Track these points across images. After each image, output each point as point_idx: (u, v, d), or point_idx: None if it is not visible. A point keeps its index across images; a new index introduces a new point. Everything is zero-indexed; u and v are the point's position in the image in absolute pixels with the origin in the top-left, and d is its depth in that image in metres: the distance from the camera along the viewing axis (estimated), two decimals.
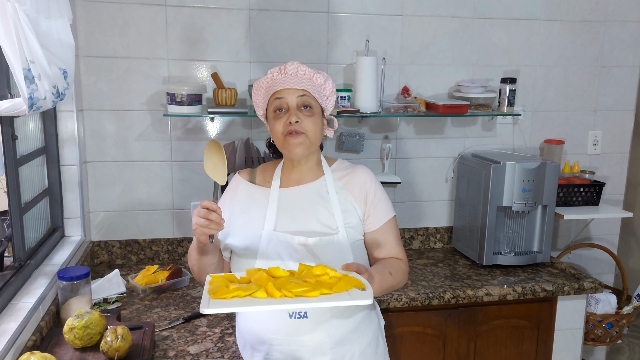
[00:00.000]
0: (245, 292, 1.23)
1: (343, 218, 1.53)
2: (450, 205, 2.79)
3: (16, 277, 1.72)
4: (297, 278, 1.31)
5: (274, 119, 1.52)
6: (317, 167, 1.61)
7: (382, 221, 1.57)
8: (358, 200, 1.57)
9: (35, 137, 2.10)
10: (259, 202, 1.57)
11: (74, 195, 2.27)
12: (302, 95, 1.51)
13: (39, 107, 1.62)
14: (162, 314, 1.96)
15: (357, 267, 1.35)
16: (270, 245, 1.50)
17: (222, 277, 1.33)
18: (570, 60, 2.77)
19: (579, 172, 2.82)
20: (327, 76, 1.59)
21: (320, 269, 1.34)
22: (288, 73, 1.54)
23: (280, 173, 1.61)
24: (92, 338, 1.54)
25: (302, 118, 1.49)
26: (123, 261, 2.49)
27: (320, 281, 1.29)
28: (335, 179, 1.59)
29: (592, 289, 2.32)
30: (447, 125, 2.70)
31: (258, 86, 1.59)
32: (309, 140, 1.50)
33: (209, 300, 1.21)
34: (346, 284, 1.27)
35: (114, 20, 2.30)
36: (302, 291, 1.23)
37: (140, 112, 2.40)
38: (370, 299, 1.21)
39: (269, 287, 1.24)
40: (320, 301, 1.21)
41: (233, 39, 2.41)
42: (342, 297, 1.23)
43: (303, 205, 1.55)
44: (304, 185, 1.58)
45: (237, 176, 1.66)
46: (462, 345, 2.29)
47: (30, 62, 1.53)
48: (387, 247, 1.58)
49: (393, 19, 2.54)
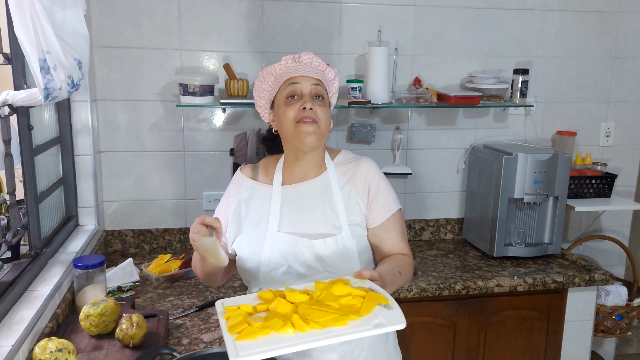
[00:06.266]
0: (270, 329, 1.13)
1: (347, 215, 1.49)
2: (461, 196, 2.78)
3: (32, 266, 1.74)
4: (318, 302, 1.23)
5: (286, 105, 1.47)
6: (321, 161, 1.55)
7: (385, 216, 1.52)
8: (362, 195, 1.52)
9: (50, 127, 2.12)
10: (262, 201, 1.53)
11: (87, 184, 2.30)
12: (317, 84, 1.48)
13: (55, 97, 1.64)
14: (175, 303, 1.99)
15: (370, 274, 1.29)
16: (275, 247, 1.47)
17: (238, 309, 1.23)
18: (583, 51, 2.75)
19: (591, 163, 2.80)
20: (337, 73, 1.57)
21: (339, 288, 1.26)
22: (303, 62, 1.51)
23: (282, 168, 1.56)
24: (108, 325, 1.57)
25: (315, 106, 1.45)
26: (136, 250, 2.51)
27: (344, 305, 1.21)
28: (339, 173, 1.54)
29: (603, 280, 2.32)
30: (459, 117, 2.69)
31: (267, 73, 1.52)
32: (320, 130, 1.46)
33: (235, 344, 1.10)
34: (371, 304, 1.20)
35: (127, 11, 2.31)
36: (330, 320, 1.15)
37: (153, 102, 2.41)
38: (404, 322, 1.14)
39: (294, 320, 1.15)
40: (352, 332, 1.12)
41: (245, 29, 2.41)
42: (372, 322, 1.15)
43: (307, 203, 1.51)
44: (307, 182, 1.53)
45: (240, 173, 1.61)
46: (472, 336, 2.30)
47: (46, 53, 1.54)
48: (390, 243, 1.53)
49: (405, 10, 2.53)
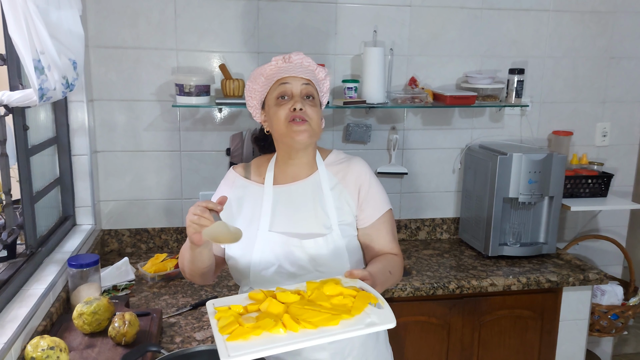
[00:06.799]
0: (262, 329, 1.14)
1: (337, 216, 1.50)
2: (457, 196, 2.79)
3: (27, 264, 1.75)
4: (309, 302, 1.24)
5: (277, 106, 1.48)
6: (312, 161, 1.56)
7: (375, 217, 1.53)
8: (352, 195, 1.53)
9: (47, 127, 2.14)
10: (254, 200, 1.54)
11: (84, 184, 2.31)
12: (307, 84, 1.49)
13: (49, 98, 1.65)
14: (170, 301, 2.00)
15: (361, 273, 1.31)
16: (266, 246, 1.48)
17: (229, 310, 1.24)
18: (579, 51, 2.75)
19: (588, 163, 2.81)
20: (327, 72, 1.58)
21: (330, 287, 1.28)
22: (293, 62, 1.52)
23: (274, 168, 1.57)
24: (101, 324, 1.58)
25: (306, 106, 1.46)
26: (133, 249, 2.53)
27: (336, 305, 1.22)
28: (330, 174, 1.55)
29: (597, 280, 2.32)
30: (455, 117, 2.70)
31: (258, 74, 1.53)
32: (312, 128, 1.47)
33: (226, 344, 1.10)
34: (362, 303, 1.21)
35: (124, 11, 2.32)
36: (322, 320, 1.16)
37: (149, 102, 2.43)
38: (394, 321, 1.15)
39: (286, 320, 1.16)
40: (344, 332, 1.14)
41: (241, 29, 2.42)
42: (364, 321, 1.17)
43: (297, 203, 1.52)
44: (299, 182, 1.54)
45: (233, 172, 1.62)
46: (466, 335, 2.31)
47: (40, 53, 1.55)
48: (380, 243, 1.54)
49: (401, 10, 2.53)
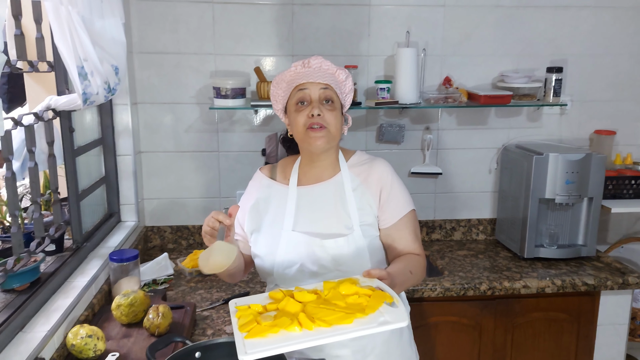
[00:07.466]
0: (278, 327, 1.18)
1: (359, 216, 1.53)
2: (493, 196, 2.77)
3: (73, 258, 1.88)
4: (325, 301, 1.27)
5: (296, 112, 1.51)
6: (335, 162, 1.60)
7: (397, 217, 1.55)
8: (374, 196, 1.56)
9: (93, 129, 2.27)
10: (279, 200, 1.59)
11: (128, 183, 2.43)
12: (325, 88, 1.52)
13: (92, 102, 1.76)
14: (204, 296, 2.09)
15: (378, 273, 1.33)
16: (289, 246, 1.52)
17: (249, 309, 1.29)
18: (620, 48, 2.67)
19: (632, 163, 2.72)
20: (348, 73, 1.60)
21: (346, 287, 1.31)
22: (312, 67, 1.55)
23: (298, 169, 1.61)
24: (137, 315, 1.68)
25: (324, 111, 1.49)
26: (174, 245, 2.64)
27: (351, 304, 1.25)
28: (353, 175, 1.58)
29: (638, 284, 2.26)
30: (491, 116, 2.68)
31: (280, 79, 1.57)
32: (330, 134, 1.50)
33: (244, 341, 1.15)
34: (377, 302, 1.23)
35: (165, 18, 2.43)
36: (336, 318, 1.19)
37: (189, 105, 2.53)
38: (406, 320, 1.18)
39: (301, 318, 1.20)
40: (357, 330, 1.17)
41: (276, 33, 2.49)
42: (377, 319, 1.19)
43: (320, 204, 1.55)
44: (322, 183, 1.58)
45: (259, 172, 1.68)
46: (498, 336, 2.29)
47: (84, 60, 1.67)
48: (402, 243, 1.56)
49: (435, 10, 2.54)
